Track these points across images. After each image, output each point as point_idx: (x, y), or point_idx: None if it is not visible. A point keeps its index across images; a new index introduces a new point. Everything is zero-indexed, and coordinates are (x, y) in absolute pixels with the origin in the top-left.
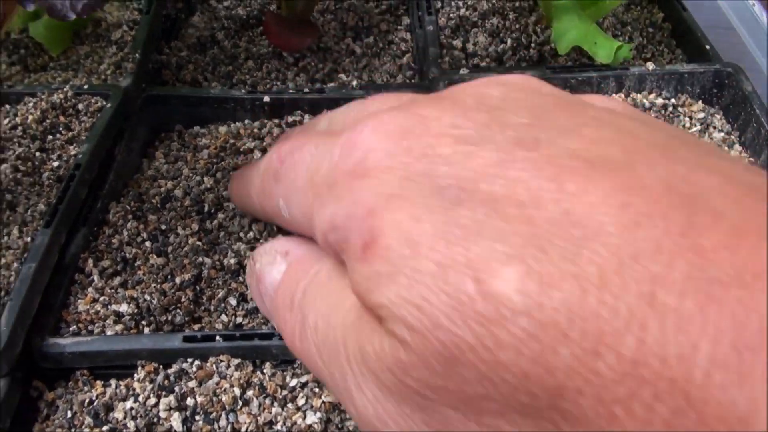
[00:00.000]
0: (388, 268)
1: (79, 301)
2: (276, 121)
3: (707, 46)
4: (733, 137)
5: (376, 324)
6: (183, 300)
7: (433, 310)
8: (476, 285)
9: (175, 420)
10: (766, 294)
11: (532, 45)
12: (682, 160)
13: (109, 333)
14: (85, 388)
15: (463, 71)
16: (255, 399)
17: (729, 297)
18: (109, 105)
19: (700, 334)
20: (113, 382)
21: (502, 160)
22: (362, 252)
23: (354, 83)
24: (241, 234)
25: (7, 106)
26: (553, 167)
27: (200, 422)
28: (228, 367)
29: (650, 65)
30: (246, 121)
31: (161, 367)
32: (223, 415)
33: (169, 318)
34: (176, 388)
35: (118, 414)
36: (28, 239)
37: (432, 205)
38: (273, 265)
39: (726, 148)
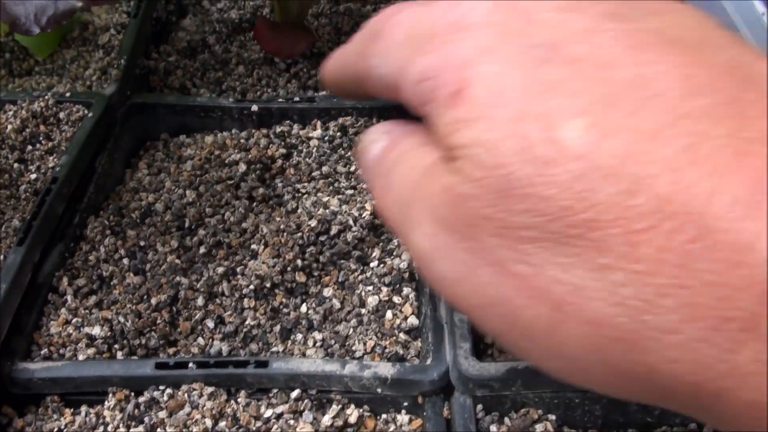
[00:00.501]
0: (471, 114)
1: (52, 322)
2: (264, 131)
3: None
4: None
5: (446, 166)
6: (158, 322)
7: (499, 150)
8: (546, 132)
9: None
10: None
11: None
12: (747, 51)
13: (80, 357)
14: (55, 416)
15: None
16: (227, 430)
17: (757, 152)
18: (90, 114)
19: (729, 179)
20: (84, 409)
21: (591, 28)
22: (450, 99)
23: None
24: (220, 252)
25: None
26: (634, 39)
27: None
28: (201, 396)
29: None
30: (233, 131)
31: (132, 394)
32: None
33: (143, 342)
34: (146, 419)
35: None
36: (1, 257)
37: (521, 61)
38: (375, 143)
39: None
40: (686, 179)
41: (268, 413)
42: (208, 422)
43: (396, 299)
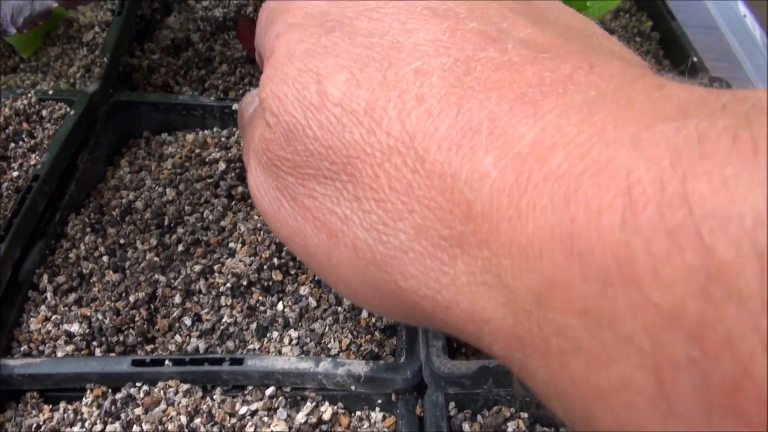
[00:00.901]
0: (272, 72)
1: (32, 319)
2: None
3: (695, 58)
4: None
5: (263, 117)
6: (137, 319)
7: (286, 101)
8: (316, 85)
9: None
10: (497, 99)
11: None
12: (522, 14)
13: (59, 354)
14: (34, 412)
15: None
16: (202, 427)
17: (472, 98)
18: (72, 112)
19: (442, 120)
20: (62, 405)
21: (375, 7)
22: (265, 62)
23: None
24: (198, 251)
25: None
26: (407, 12)
27: None
28: (176, 393)
29: None
30: (215, 129)
31: (110, 391)
32: None
33: (121, 339)
34: (122, 415)
35: None
36: None
37: (313, 32)
38: (251, 104)
39: None
40: (411, 120)
41: (243, 410)
42: (183, 419)
43: None
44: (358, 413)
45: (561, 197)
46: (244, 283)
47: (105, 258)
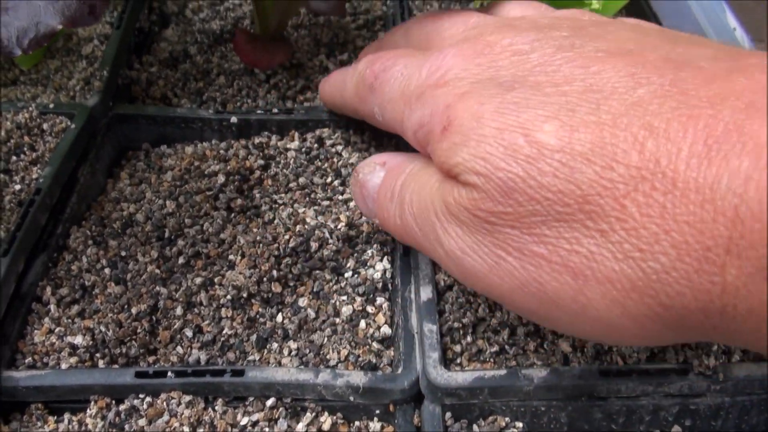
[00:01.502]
0: (461, 137)
1: (36, 331)
2: (243, 141)
3: None
4: None
5: (454, 182)
6: (139, 331)
7: (494, 159)
8: (524, 137)
9: None
10: (730, 110)
11: None
12: (682, 41)
13: (63, 366)
14: (39, 423)
15: None
16: None
17: (702, 114)
18: (73, 126)
19: (683, 141)
20: (66, 416)
21: (546, 61)
22: (441, 133)
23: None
24: (198, 263)
25: None
26: (582, 59)
27: None
28: (179, 404)
29: None
30: (213, 141)
31: (114, 402)
32: None
33: (124, 350)
34: (126, 426)
35: None
36: None
37: (492, 93)
38: (373, 174)
39: None
40: (649, 148)
41: (244, 421)
42: (186, 429)
43: (369, 309)
44: (357, 423)
45: None
46: (244, 295)
47: (107, 270)
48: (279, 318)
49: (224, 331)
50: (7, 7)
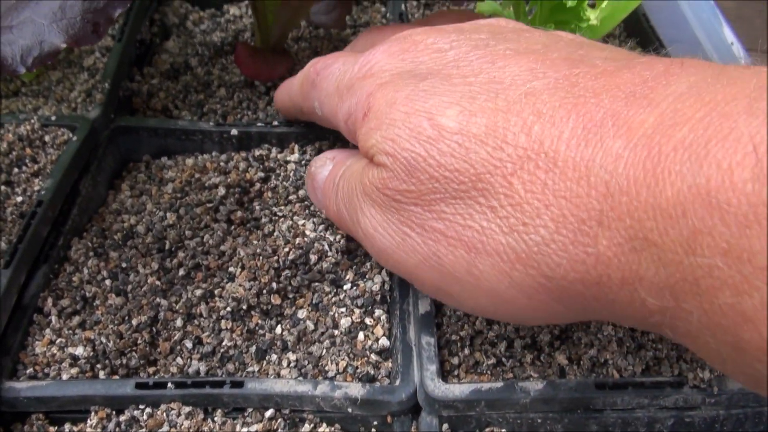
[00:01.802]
0: (376, 122)
1: (37, 342)
2: (243, 154)
3: None
4: None
5: (371, 164)
6: (139, 342)
7: (401, 140)
8: (428, 121)
9: None
10: (611, 99)
11: None
12: (587, 46)
13: (64, 377)
14: None
15: None
16: None
17: (586, 102)
18: (75, 138)
19: (566, 125)
20: (67, 427)
21: (460, 57)
22: (362, 119)
23: None
24: (198, 275)
25: None
26: (492, 56)
27: None
28: (179, 415)
29: None
30: (213, 153)
31: (114, 413)
32: None
33: (124, 362)
34: None
35: None
36: None
37: (408, 83)
38: (323, 167)
39: None
40: (535, 131)
41: (243, 431)
42: None
43: (368, 321)
44: None
45: (693, 162)
46: (244, 307)
47: (108, 282)
48: (278, 330)
49: (224, 343)
50: (11, 25)
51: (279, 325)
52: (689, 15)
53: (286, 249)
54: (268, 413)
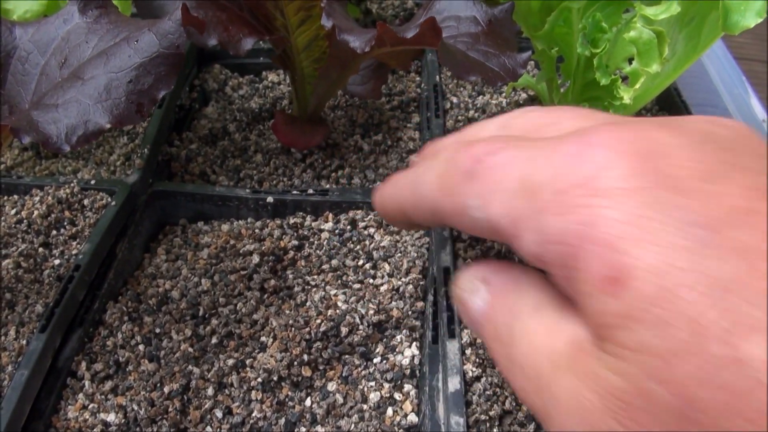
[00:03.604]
0: (638, 313)
1: (69, 407)
2: (278, 221)
3: None
4: None
5: (602, 360)
6: (170, 410)
7: (682, 369)
8: (727, 350)
9: None
10: None
11: None
12: None
13: None
14: None
15: None
16: None
17: None
18: (114, 203)
19: None
20: None
21: (746, 208)
22: (608, 285)
23: (358, 186)
24: (231, 343)
25: (15, 197)
26: None
27: None
28: None
29: None
30: (249, 219)
31: None
32: None
33: (155, 429)
34: None
35: None
36: (24, 342)
37: (679, 246)
38: (475, 293)
39: None
40: None
41: None
42: None
43: (397, 396)
44: None
45: None
46: (275, 378)
47: (141, 347)
48: (308, 402)
49: (253, 414)
50: (56, 104)
51: (309, 398)
52: (720, 87)
53: (318, 320)
54: None
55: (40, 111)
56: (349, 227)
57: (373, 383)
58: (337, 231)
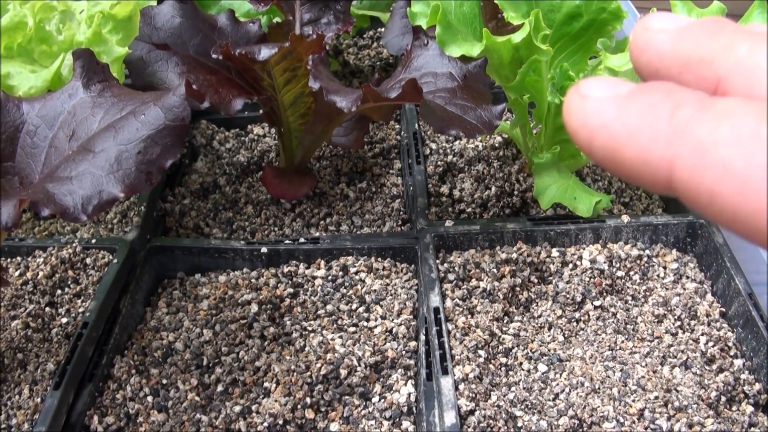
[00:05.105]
0: None
1: None
2: (273, 270)
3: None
4: (705, 287)
5: None
6: None
7: None
8: None
9: None
10: None
11: (515, 192)
12: None
13: None
14: None
15: (449, 223)
16: None
17: None
18: (115, 260)
19: None
20: None
21: None
22: None
23: (346, 232)
24: (236, 390)
25: (18, 258)
26: None
27: None
28: None
29: (625, 218)
30: (245, 270)
31: None
32: None
33: None
34: None
35: None
36: (38, 399)
37: None
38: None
39: (698, 298)
40: None
41: None
42: None
43: None
44: None
45: None
46: (280, 422)
47: (149, 398)
48: None
49: None
50: (70, 176)
51: None
52: None
53: (318, 364)
54: None
55: (55, 183)
56: (341, 273)
57: (373, 422)
58: (329, 277)
